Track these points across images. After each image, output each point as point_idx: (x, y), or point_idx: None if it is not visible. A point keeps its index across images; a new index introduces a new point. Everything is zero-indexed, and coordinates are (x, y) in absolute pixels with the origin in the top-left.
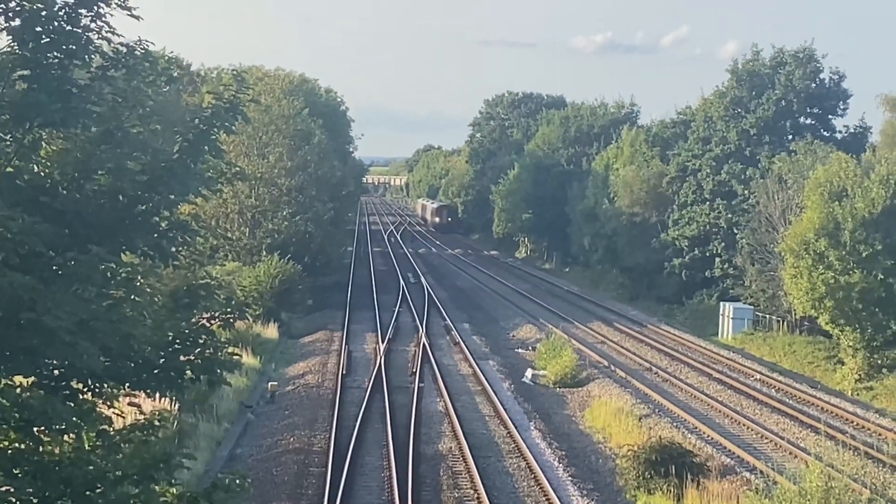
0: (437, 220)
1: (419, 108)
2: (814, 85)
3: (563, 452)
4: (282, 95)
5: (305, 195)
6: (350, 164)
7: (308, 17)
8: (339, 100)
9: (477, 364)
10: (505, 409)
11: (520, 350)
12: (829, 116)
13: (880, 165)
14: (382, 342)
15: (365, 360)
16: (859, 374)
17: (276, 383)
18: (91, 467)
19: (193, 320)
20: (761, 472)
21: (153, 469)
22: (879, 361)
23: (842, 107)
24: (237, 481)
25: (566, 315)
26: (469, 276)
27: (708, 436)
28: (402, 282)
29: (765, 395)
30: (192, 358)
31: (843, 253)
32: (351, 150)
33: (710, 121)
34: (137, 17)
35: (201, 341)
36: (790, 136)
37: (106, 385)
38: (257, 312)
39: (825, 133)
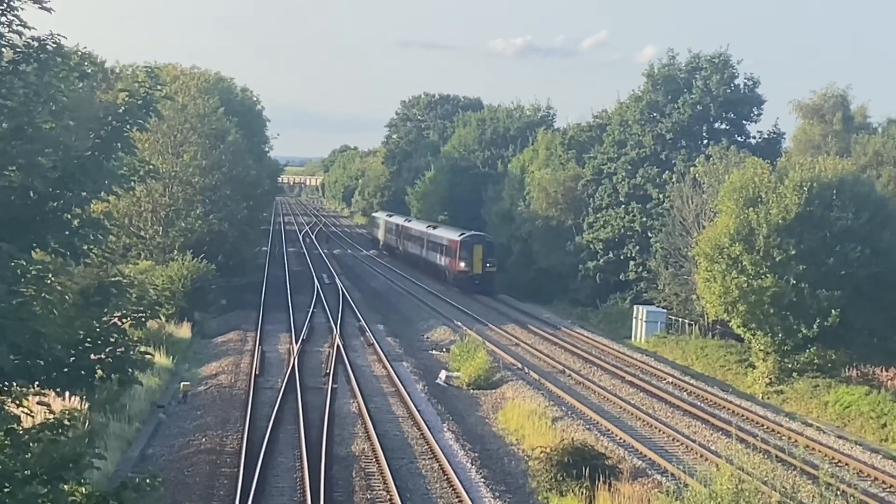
0: (461, 266)
1: (336, 109)
2: (729, 90)
3: (477, 454)
4: (197, 94)
5: (219, 194)
6: (265, 163)
7: (224, 16)
8: (254, 99)
9: (391, 365)
10: (418, 411)
11: (434, 351)
12: (744, 122)
13: (794, 171)
14: (296, 343)
15: (278, 360)
16: (770, 378)
17: (188, 383)
18: None
19: (105, 319)
20: (672, 474)
21: (62, 469)
22: (790, 365)
23: (756, 112)
24: (147, 481)
25: (480, 317)
26: (384, 277)
27: (620, 438)
28: (316, 282)
29: (677, 398)
30: (103, 357)
31: (757, 258)
32: (266, 149)
33: (626, 124)
34: (49, 10)
35: (112, 340)
36: (705, 141)
37: (15, 383)
38: (170, 312)
39: (740, 138)
